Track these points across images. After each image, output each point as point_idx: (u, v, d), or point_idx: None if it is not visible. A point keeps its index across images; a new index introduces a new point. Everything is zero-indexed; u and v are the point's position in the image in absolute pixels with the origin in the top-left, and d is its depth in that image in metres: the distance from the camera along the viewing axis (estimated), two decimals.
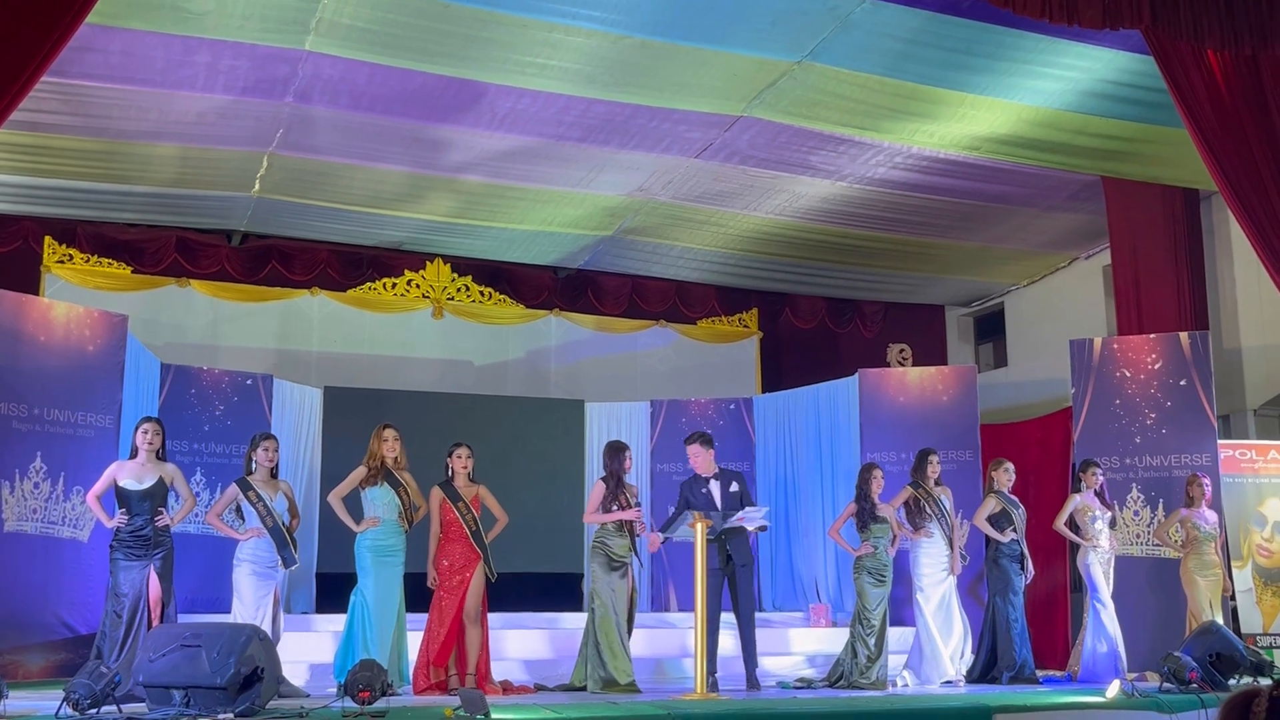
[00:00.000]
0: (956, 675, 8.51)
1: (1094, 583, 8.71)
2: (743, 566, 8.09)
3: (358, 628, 7.28)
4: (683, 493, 8.23)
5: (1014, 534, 8.70)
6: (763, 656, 8.62)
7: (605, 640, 7.42)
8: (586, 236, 12.34)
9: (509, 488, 9.92)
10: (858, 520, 8.49)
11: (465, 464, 7.76)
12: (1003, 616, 8.63)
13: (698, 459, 8.12)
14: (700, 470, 8.13)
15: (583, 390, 13.03)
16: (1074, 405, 10.15)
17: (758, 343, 14.34)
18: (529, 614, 10.39)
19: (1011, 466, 8.90)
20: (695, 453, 8.11)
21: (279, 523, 7.42)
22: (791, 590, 11.91)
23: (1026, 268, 13.43)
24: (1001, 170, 10.47)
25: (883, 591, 8.35)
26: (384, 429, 7.58)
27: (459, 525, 7.61)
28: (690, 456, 8.17)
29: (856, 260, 13.01)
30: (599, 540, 7.61)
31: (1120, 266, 11.05)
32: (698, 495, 8.09)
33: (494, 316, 13.17)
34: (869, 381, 11.17)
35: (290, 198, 11.15)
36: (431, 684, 7.38)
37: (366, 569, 7.40)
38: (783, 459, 12.15)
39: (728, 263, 13.13)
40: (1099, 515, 8.84)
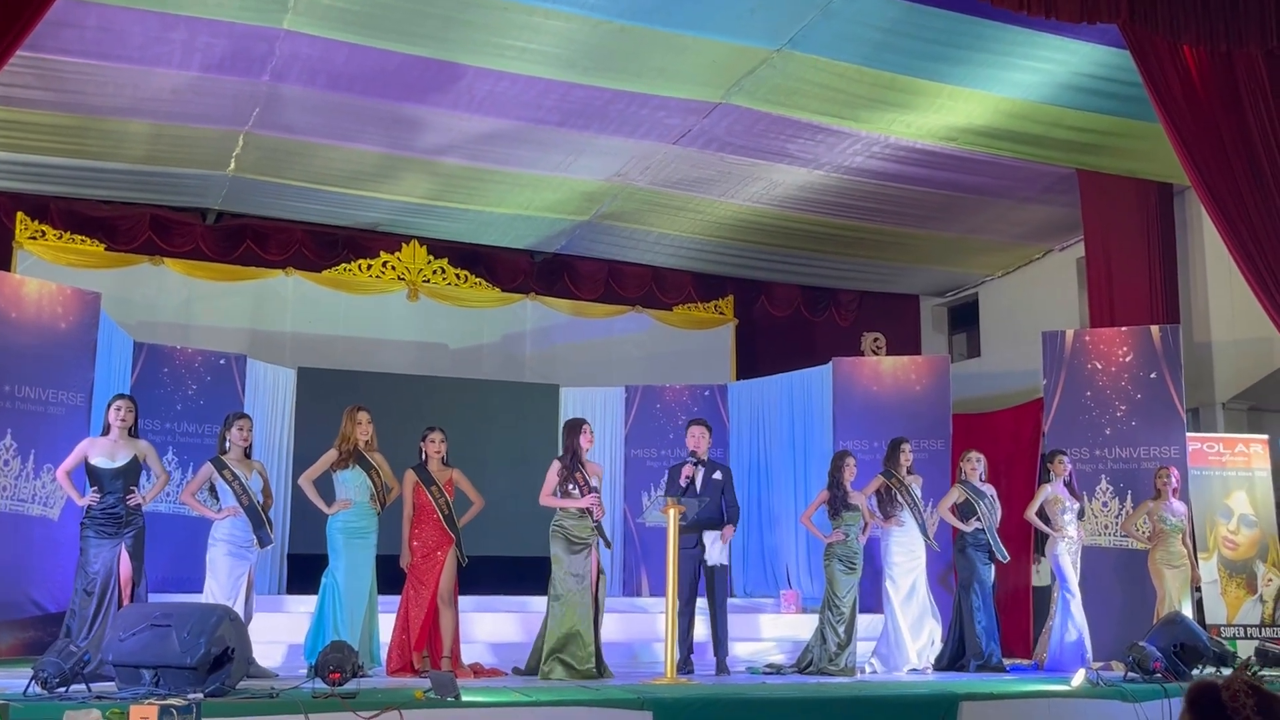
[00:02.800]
0: (925, 664, 8.59)
1: (1062, 573, 8.80)
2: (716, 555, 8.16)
3: (329, 609, 7.30)
4: (670, 475, 8.50)
5: (978, 523, 8.77)
6: (733, 642, 8.70)
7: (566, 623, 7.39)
8: (564, 221, 12.33)
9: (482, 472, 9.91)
10: (830, 507, 8.55)
11: (439, 448, 7.78)
12: (969, 606, 8.70)
13: (701, 441, 8.39)
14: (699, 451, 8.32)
15: (558, 375, 13.04)
16: (1045, 396, 10.23)
17: (733, 330, 14.38)
18: (499, 598, 10.43)
19: (979, 456, 8.96)
20: (700, 433, 8.41)
21: (255, 501, 7.41)
22: (763, 576, 11.99)
23: (1001, 259, 13.51)
24: (978, 161, 10.53)
25: (853, 579, 8.41)
26: (357, 411, 7.58)
27: (431, 508, 7.63)
28: (694, 436, 8.42)
29: (833, 249, 13.06)
30: (557, 523, 7.62)
31: (1093, 259, 11.13)
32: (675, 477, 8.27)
33: (469, 300, 13.16)
34: (843, 370, 11.23)
35: (266, 177, 11.10)
36: (405, 666, 7.41)
37: (338, 551, 7.41)
38: (756, 446, 12.21)
39: (704, 249, 13.15)
40: (1068, 506, 8.93)
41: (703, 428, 8.44)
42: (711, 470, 8.32)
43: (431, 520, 7.64)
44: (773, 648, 9.72)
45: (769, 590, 11.72)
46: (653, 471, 12.16)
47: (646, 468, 12.26)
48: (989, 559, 8.80)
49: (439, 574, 7.58)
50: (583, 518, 7.58)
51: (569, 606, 7.41)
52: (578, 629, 7.38)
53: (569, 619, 7.38)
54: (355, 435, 7.52)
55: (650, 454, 12.29)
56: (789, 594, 11.03)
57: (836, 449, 10.04)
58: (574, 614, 7.40)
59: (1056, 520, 8.90)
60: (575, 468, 7.62)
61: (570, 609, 7.41)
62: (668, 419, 12.32)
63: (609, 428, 12.49)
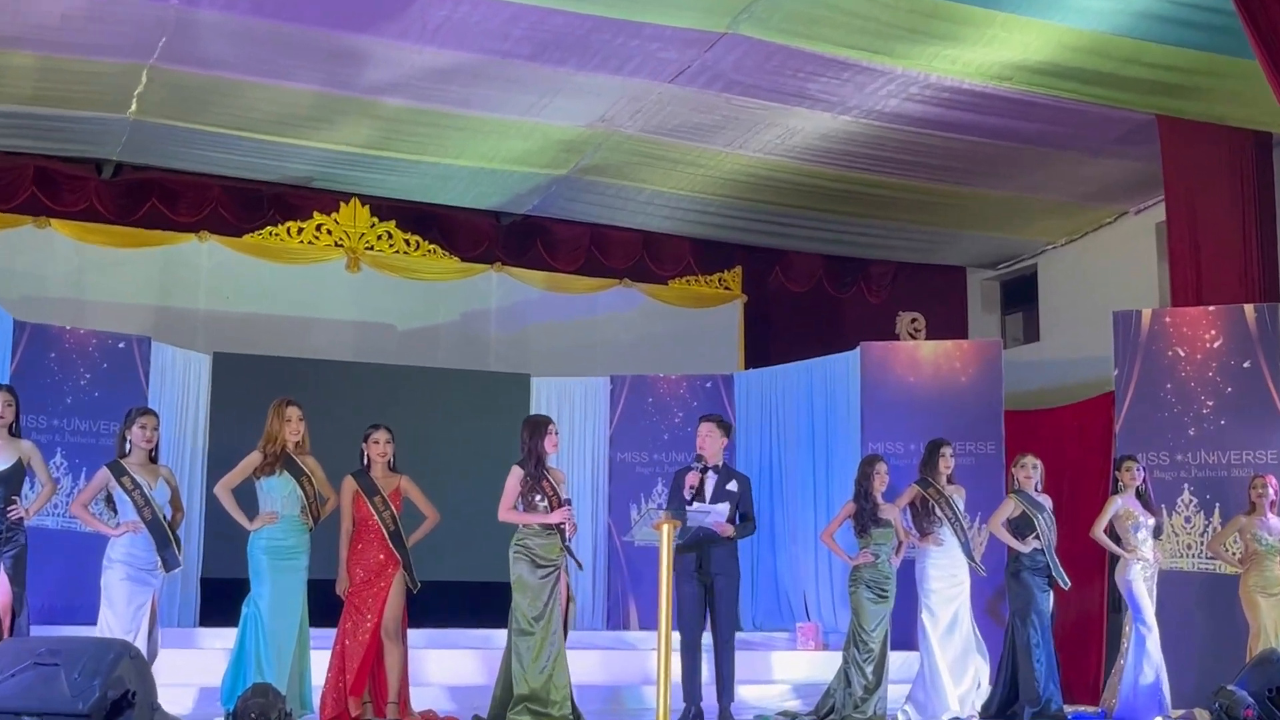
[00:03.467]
0: (969, 711, 8.63)
1: (1136, 602, 8.84)
2: (720, 577, 8.16)
3: (250, 644, 7.31)
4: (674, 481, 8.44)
5: (1038, 542, 8.80)
6: (740, 685, 8.71)
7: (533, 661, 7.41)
8: (536, 176, 12.31)
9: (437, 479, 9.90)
10: (856, 523, 8.57)
11: (384, 450, 7.78)
12: (1024, 641, 8.74)
13: (708, 440, 8.30)
14: (706, 454, 8.26)
15: (529, 362, 13.03)
16: (1117, 389, 10.24)
17: (741, 308, 14.37)
18: (457, 631, 10.44)
19: (1035, 462, 8.98)
20: (708, 432, 8.32)
21: (159, 515, 7.41)
22: (775, 606, 12.01)
23: (1064, 223, 13.52)
24: (1037, 105, 10.52)
25: (884, 609, 8.44)
26: (285, 406, 7.58)
27: (375, 524, 7.64)
28: (701, 435, 8.34)
29: (862, 211, 13.05)
30: (520, 541, 7.64)
31: (1176, 224, 11.14)
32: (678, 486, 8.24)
33: (422, 271, 13.13)
34: (873, 357, 11.24)
35: (175, 121, 11.05)
36: (343, 713, 7.42)
37: (262, 574, 7.41)
38: (767, 448, 12.23)
39: (707, 211, 13.14)
40: (1142, 522, 8.96)
41: (714, 425, 8.38)
42: (726, 479, 8.28)
43: (375, 538, 7.64)
44: (786, 692, 9.75)
45: (782, 623, 11.75)
46: (643, 479, 12.18)
47: (635, 474, 12.28)
48: (1048, 584, 8.84)
49: (383, 602, 7.58)
50: (550, 535, 7.59)
51: (536, 641, 7.42)
52: (548, 669, 7.39)
53: (536, 657, 7.39)
54: (283, 435, 7.52)
55: (640, 458, 12.30)
56: (806, 627, 11.06)
57: (865, 453, 10.06)
58: (542, 650, 7.41)
59: (1128, 539, 8.93)
60: (541, 475, 7.64)
61: (537, 644, 7.42)
62: (661, 416, 12.33)
63: (590, 426, 12.50)
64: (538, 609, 7.48)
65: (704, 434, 8.34)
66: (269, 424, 7.55)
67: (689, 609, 8.12)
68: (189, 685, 8.29)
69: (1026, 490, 8.93)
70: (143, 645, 7.06)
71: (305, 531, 7.57)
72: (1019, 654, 8.77)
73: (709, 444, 8.32)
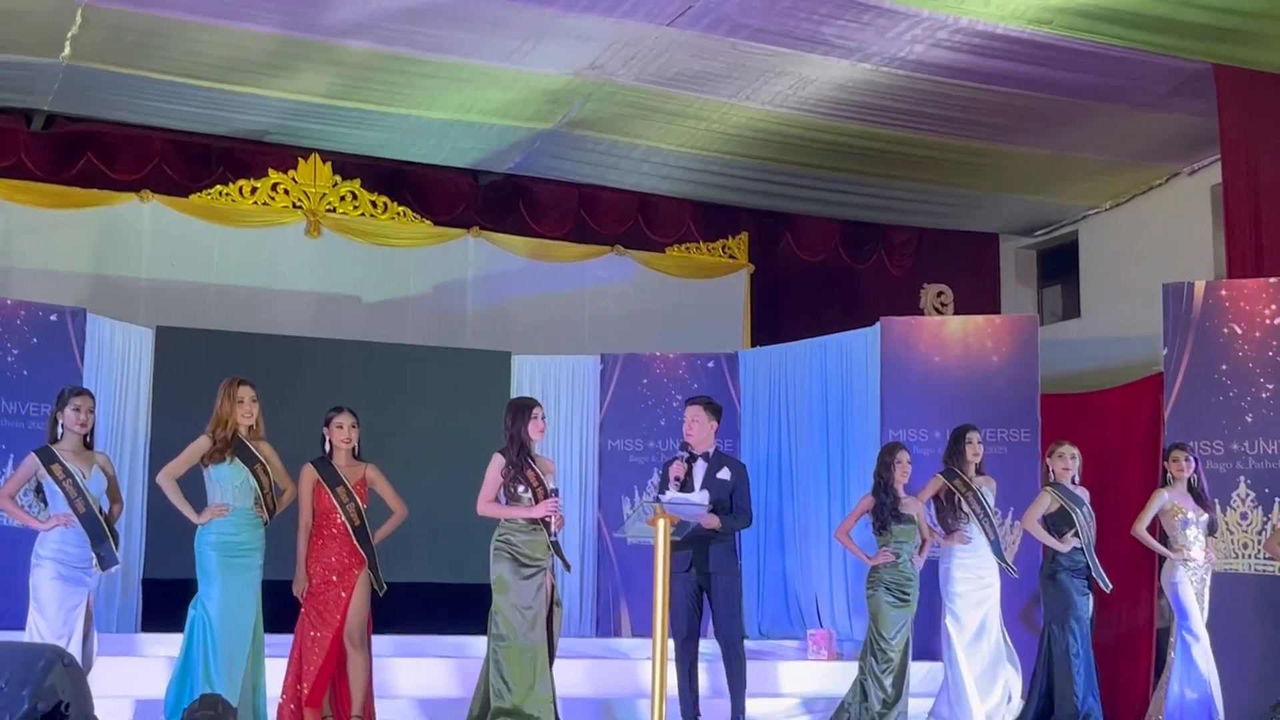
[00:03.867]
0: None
1: (1183, 607, 8.88)
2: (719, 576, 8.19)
3: (198, 652, 7.32)
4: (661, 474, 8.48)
5: (1077, 541, 8.83)
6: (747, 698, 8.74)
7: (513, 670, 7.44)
8: (518, 130, 12.29)
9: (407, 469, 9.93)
10: (875, 519, 8.60)
11: (348, 436, 7.80)
12: (1061, 649, 8.77)
13: (694, 425, 8.32)
14: (692, 441, 8.28)
15: (510, 339, 13.04)
16: (1166, 371, 10.26)
17: (747, 279, 14.37)
18: (429, 638, 10.46)
19: (1074, 451, 9.01)
20: (694, 416, 8.36)
21: (94, 508, 7.41)
22: (783, 612, 12.04)
23: (1109, 185, 13.52)
24: (1080, 53, 10.51)
25: (905, 614, 8.48)
26: (237, 386, 7.58)
27: (337, 518, 7.66)
28: (686, 420, 8.39)
29: (883, 171, 13.05)
30: (501, 537, 7.66)
31: (1234, 186, 11.14)
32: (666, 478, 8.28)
33: (390, 236, 13.12)
34: (895, 334, 11.24)
35: (113, 66, 11.02)
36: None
37: (211, 573, 7.42)
38: (775, 436, 12.24)
39: (710, 170, 13.13)
40: (1192, 519, 8.99)
41: (700, 409, 8.42)
42: (717, 466, 8.32)
43: (337, 533, 7.66)
44: (795, 707, 9.78)
45: (792, 630, 11.79)
46: (637, 469, 12.18)
47: (629, 464, 12.28)
48: (1088, 587, 8.87)
49: (346, 605, 7.60)
50: (535, 531, 7.61)
51: (517, 650, 7.44)
52: (531, 680, 7.41)
53: (518, 667, 7.41)
54: (234, 418, 7.52)
55: (634, 446, 12.31)
56: (819, 634, 11.09)
57: (885, 440, 10.07)
58: (524, 660, 7.43)
59: (1176, 537, 8.96)
60: (525, 464, 7.65)
61: (519, 653, 7.44)
62: (658, 399, 12.34)
63: (578, 410, 12.50)
64: (520, 613, 7.49)
65: (689, 419, 8.39)
66: (219, 406, 7.54)
67: (680, 611, 8.15)
68: (127, 697, 8.30)
69: (1064, 483, 8.95)
70: (77, 652, 7.08)
71: (259, 526, 7.57)
72: (1055, 664, 8.80)
73: (696, 430, 8.36)
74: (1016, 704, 8.93)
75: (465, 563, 11.23)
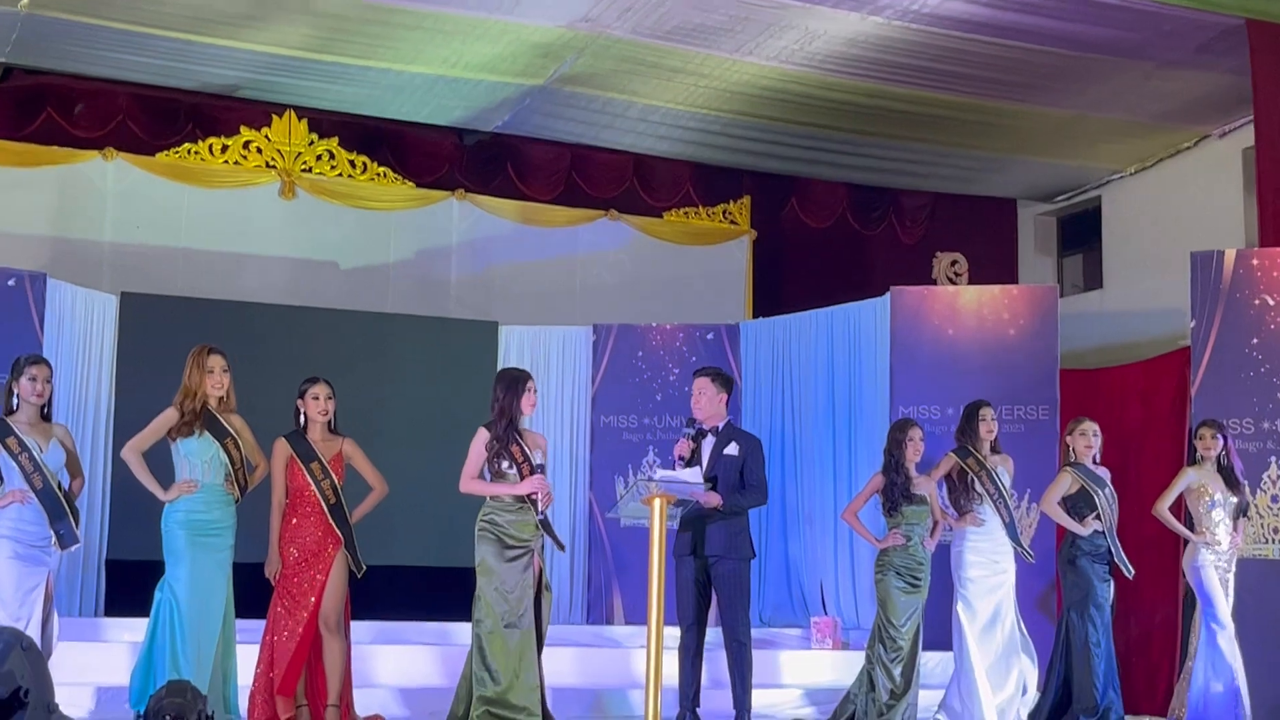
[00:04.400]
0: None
1: (1207, 594, 8.89)
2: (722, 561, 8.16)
3: (164, 637, 7.30)
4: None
5: (1098, 524, 8.83)
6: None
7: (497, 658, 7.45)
8: (506, 86, 12.26)
9: (387, 444, 9.94)
10: (885, 499, 8.59)
11: (324, 408, 7.78)
12: (1079, 638, 8.78)
13: (702, 398, 8.29)
14: (700, 415, 8.28)
15: (497, 308, 13.03)
16: (1193, 344, 10.25)
17: (749, 246, 14.37)
18: (411, 624, 10.48)
19: (1096, 429, 8.99)
20: (702, 388, 8.31)
21: (52, 483, 7.40)
22: (786, 599, 12.07)
23: (1135, 148, 13.50)
24: (1104, 6, 10.49)
25: (916, 600, 8.48)
26: (206, 355, 7.56)
27: (312, 495, 7.64)
28: (694, 393, 8.35)
29: (894, 131, 13.03)
30: (487, 517, 7.64)
31: (1267, 149, 11.12)
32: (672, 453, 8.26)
33: (370, 198, 13.11)
34: (906, 304, 11.25)
35: (74, 15, 10.97)
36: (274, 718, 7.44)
37: (179, 553, 7.40)
38: (779, 412, 12.26)
39: (710, 130, 13.10)
40: (1219, 500, 8.99)
41: (708, 380, 8.37)
42: (726, 441, 8.29)
43: (312, 511, 7.65)
44: (798, 699, 9.82)
45: (795, 617, 11.82)
46: (631, 447, 12.20)
47: (622, 442, 12.29)
48: (1109, 572, 8.87)
49: (322, 588, 7.59)
50: (523, 510, 7.59)
51: (502, 637, 7.44)
52: (517, 668, 7.41)
53: (503, 654, 7.41)
54: (203, 389, 7.50)
55: (628, 422, 12.31)
56: (823, 622, 11.11)
57: (895, 417, 10.07)
58: (509, 647, 7.43)
59: (1201, 519, 8.96)
60: (511, 439, 7.62)
61: (503, 640, 7.44)
62: (654, 372, 12.34)
63: (569, 384, 12.52)
64: (504, 597, 7.48)
65: (697, 391, 8.35)
66: (187, 376, 7.52)
67: (684, 599, 8.15)
68: (89, 684, 8.31)
69: (1085, 462, 8.95)
70: (36, 636, 7.06)
71: (230, 503, 7.56)
72: (1073, 654, 8.81)
73: (704, 403, 8.32)
74: (1032, 696, 8.94)
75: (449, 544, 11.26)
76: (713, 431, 8.30)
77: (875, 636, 8.53)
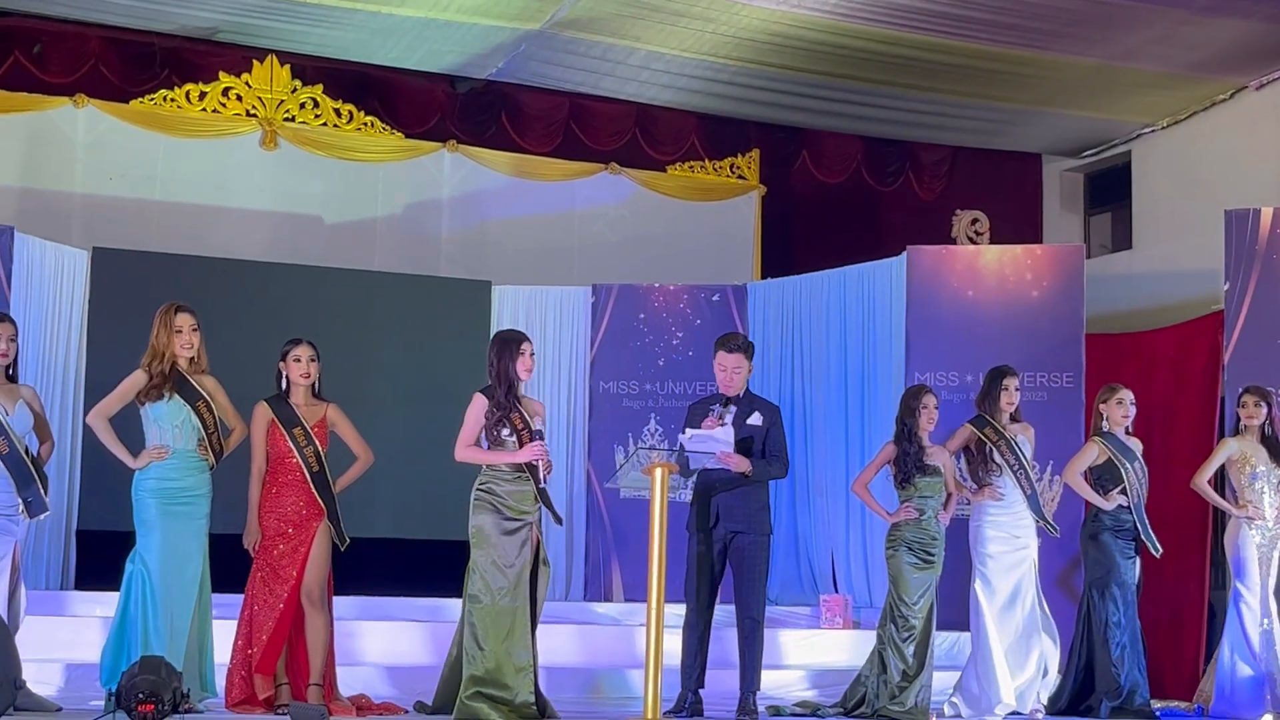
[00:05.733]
0: (1033, 705, 8.69)
1: (1243, 571, 8.89)
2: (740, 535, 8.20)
3: (136, 610, 7.31)
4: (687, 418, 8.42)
5: (1124, 498, 8.83)
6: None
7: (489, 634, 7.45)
8: (501, 30, 12.21)
9: (373, 410, 9.93)
10: (897, 471, 8.58)
11: (306, 371, 7.76)
12: (1102, 618, 8.79)
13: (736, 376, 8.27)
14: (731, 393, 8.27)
15: (489, 266, 13.01)
16: (1227, 308, 10.24)
17: (758, 202, 14.32)
18: (398, 600, 10.49)
19: (1129, 397, 8.98)
20: (737, 365, 8.27)
21: (18, 448, 7.40)
22: (795, 575, 12.09)
23: (1167, 99, 13.45)
24: None
25: (929, 577, 8.48)
26: (174, 313, 7.55)
27: (294, 462, 7.64)
28: (717, 367, 8.31)
29: (912, 81, 12.98)
30: (483, 485, 7.63)
31: None
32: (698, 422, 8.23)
33: (357, 149, 13.06)
34: (923, 265, 11.23)
35: None
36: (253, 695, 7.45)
37: (150, 523, 7.41)
38: (788, 378, 12.26)
39: (717, 79, 13.05)
40: (1263, 472, 8.97)
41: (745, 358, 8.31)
42: (747, 410, 8.28)
43: (293, 480, 7.65)
44: (806, 679, 9.84)
45: (803, 595, 11.85)
46: (632, 414, 12.19)
47: (623, 409, 12.28)
48: (1134, 550, 8.87)
49: (304, 560, 7.60)
50: (521, 480, 7.58)
51: (494, 612, 7.44)
52: (508, 646, 7.41)
53: (494, 630, 7.42)
54: (171, 349, 7.49)
55: (628, 388, 12.30)
56: (833, 600, 11.12)
57: (909, 383, 10.05)
58: (500, 623, 7.44)
59: (1243, 491, 8.95)
60: (510, 405, 7.60)
61: (495, 615, 7.44)
62: (656, 335, 12.32)
63: (566, 348, 12.51)
64: (500, 571, 7.48)
65: (732, 368, 8.27)
66: (154, 336, 7.51)
67: (697, 576, 8.15)
68: (58, 660, 8.32)
69: (1118, 432, 8.92)
70: (1, 610, 7.07)
71: (204, 470, 7.56)
72: (1095, 635, 8.82)
73: (737, 380, 8.29)
74: (1053, 679, 8.94)
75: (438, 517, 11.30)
76: (734, 400, 8.28)
77: (887, 615, 8.53)
